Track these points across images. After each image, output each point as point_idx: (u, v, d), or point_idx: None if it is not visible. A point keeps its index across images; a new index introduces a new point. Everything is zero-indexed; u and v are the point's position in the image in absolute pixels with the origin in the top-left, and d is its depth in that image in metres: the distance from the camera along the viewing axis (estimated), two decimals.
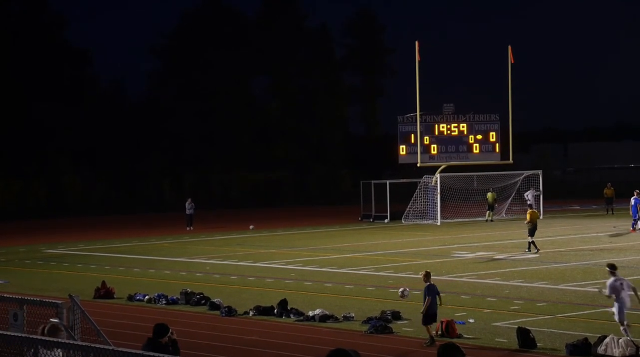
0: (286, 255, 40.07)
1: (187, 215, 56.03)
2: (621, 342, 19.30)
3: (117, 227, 59.49)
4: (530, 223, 38.73)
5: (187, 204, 56.24)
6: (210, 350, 20.94)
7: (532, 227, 38.70)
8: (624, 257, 36.35)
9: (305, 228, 55.89)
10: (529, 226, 38.85)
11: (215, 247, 44.97)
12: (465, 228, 52.83)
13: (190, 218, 55.78)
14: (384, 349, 20.64)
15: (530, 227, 38.76)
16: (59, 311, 14.11)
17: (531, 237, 38.71)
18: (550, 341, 20.75)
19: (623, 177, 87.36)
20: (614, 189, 60.59)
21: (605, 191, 60.70)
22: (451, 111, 58.15)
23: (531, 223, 38.71)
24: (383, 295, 28.07)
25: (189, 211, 55.82)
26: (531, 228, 38.72)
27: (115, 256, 41.63)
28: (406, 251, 40.84)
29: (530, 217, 38.93)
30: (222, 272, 34.76)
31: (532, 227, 38.70)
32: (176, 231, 54.73)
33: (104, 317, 23.19)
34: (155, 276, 33.50)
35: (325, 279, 32.11)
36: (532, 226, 38.69)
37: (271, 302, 25.62)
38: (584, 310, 24.79)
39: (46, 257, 41.93)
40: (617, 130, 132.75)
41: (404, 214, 58.08)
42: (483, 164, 58.65)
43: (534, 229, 38.71)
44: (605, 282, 20.81)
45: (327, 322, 23.70)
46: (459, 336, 21.40)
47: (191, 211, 55.85)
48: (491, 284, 29.62)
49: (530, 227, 38.76)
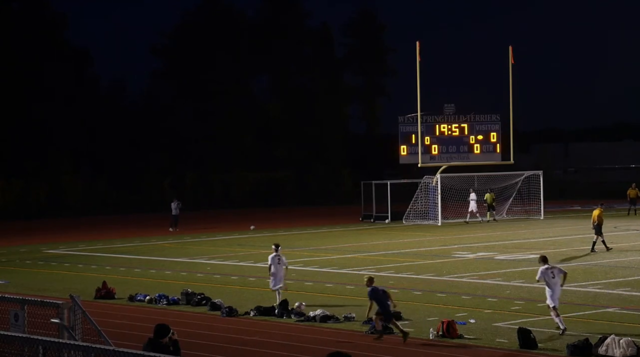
0: (287, 255, 39.91)
1: (172, 216, 55.74)
2: (622, 342, 19.30)
3: (118, 227, 59.50)
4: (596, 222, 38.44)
5: (172, 205, 55.88)
6: (211, 350, 20.94)
7: (596, 225, 38.41)
8: (624, 257, 36.35)
9: (306, 228, 55.89)
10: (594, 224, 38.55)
11: (216, 247, 44.98)
12: (466, 228, 52.82)
13: (175, 219, 55.46)
14: (385, 350, 20.63)
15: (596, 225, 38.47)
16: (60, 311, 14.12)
17: (598, 235, 38.45)
18: (551, 342, 20.75)
19: (624, 177, 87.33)
20: (638, 190, 59.48)
21: (629, 191, 59.29)
22: (452, 111, 58.14)
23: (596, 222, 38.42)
24: None
25: (175, 212, 55.54)
26: (596, 226, 38.42)
27: (116, 256, 41.63)
28: (407, 251, 40.84)
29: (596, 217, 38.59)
30: (223, 272, 34.76)
31: (596, 225, 38.41)
32: (178, 231, 54.69)
33: (105, 318, 23.18)
34: (156, 277, 33.50)
35: (326, 279, 32.11)
36: (596, 224, 38.41)
37: (272, 303, 25.62)
38: (585, 310, 24.79)
39: (47, 258, 41.93)
40: (618, 130, 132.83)
41: (405, 214, 58.07)
42: (484, 164, 58.64)
43: (598, 227, 38.41)
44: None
45: (327, 322, 23.70)
46: (460, 337, 21.40)
47: (177, 212, 55.55)
48: (492, 285, 29.62)
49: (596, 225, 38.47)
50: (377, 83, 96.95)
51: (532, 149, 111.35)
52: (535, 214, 59.18)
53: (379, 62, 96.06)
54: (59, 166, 79.05)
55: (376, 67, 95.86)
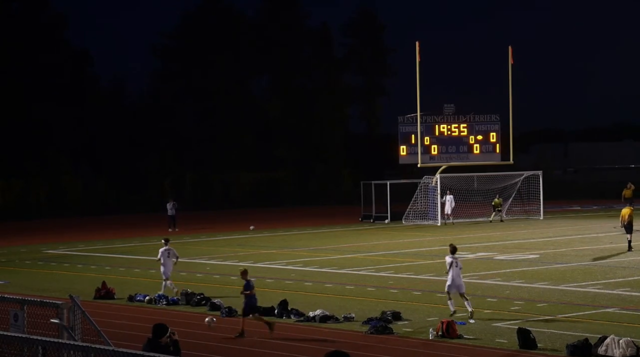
0: (287, 255, 40.08)
1: (169, 216, 55.76)
2: (622, 342, 19.31)
3: (118, 227, 59.52)
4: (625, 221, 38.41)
5: (168, 205, 55.88)
6: (210, 350, 20.95)
7: (626, 224, 38.37)
8: (624, 257, 36.36)
9: (305, 228, 55.90)
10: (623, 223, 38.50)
11: (215, 247, 44.98)
12: (466, 228, 52.84)
13: (172, 219, 55.46)
14: (385, 350, 20.64)
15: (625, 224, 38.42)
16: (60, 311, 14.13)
17: (629, 234, 38.37)
18: (550, 342, 20.75)
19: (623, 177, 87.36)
20: (633, 188, 58.11)
21: (625, 191, 55.84)
22: (452, 112, 58.16)
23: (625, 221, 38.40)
24: (383, 295, 28.08)
25: (171, 212, 55.56)
26: (626, 225, 38.39)
27: (115, 257, 41.64)
28: (407, 251, 40.85)
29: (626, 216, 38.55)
30: (222, 272, 34.77)
31: (626, 224, 38.37)
32: (177, 231, 54.68)
33: (105, 318, 23.20)
34: (155, 277, 33.46)
35: (325, 279, 32.12)
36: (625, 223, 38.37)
37: (272, 303, 25.63)
38: (584, 311, 24.80)
39: (47, 258, 41.94)
40: (617, 130, 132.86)
41: (405, 214, 58.07)
42: (483, 164, 58.65)
43: (629, 226, 38.37)
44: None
45: (327, 322, 23.71)
46: (460, 337, 21.41)
47: (173, 212, 55.55)
48: (492, 285, 29.63)
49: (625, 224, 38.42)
50: (377, 83, 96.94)
51: (532, 149, 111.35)
52: (535, 214, 59.19)
53: (379, 62, 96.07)
54: (58, 166, 79.05)
55: (376, 67, 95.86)
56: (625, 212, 38.88)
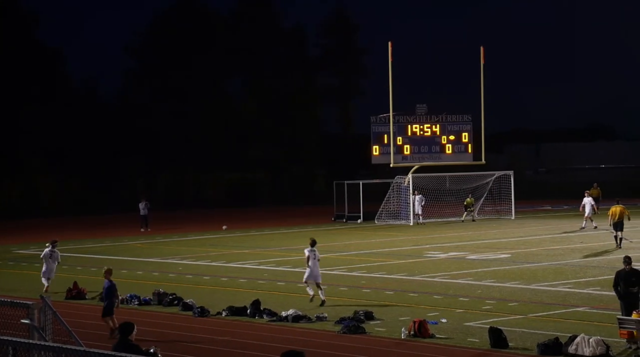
0: (259, 255, 40.07)
1: (141, 216, 55.60)
2: (592, 341, 19.47)
3: (90, 228, 59.23)
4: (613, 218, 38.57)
5: (140, 205, 55.69)
6: (183, 350, 20.92)
7: (616, 221, 38.51)
8: (594, 257, 36.63)
9: (278, 228, 55.89)
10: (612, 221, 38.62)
11: (188, 247, 44.88)
12: (437, 228, 53.03)
13: (145, 219, 55.29)
14: (357, 350, 20.69)
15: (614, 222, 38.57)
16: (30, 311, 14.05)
17: (618, 231, 38.54)
18: (521, 341, 20.89)
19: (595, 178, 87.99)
20: (600, 190, 58.48)
21: (591, 191, 54.30)
22: (424, 112, 58.36)
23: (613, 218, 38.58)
24: (356, 295, 28.15)
25: (143, 212, 55.39)
26: (616, 223, 38.52)
27: (87, 257, 41.46)
28: (379, 251, 40.93)
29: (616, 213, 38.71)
30: (195, 272, 34.71)
31: (616, 221, 38.51)
32: (149, 231, 54.51)
33: (76, 318, 23.09)
34: (127, 277, 33.38)
35: (298, 279, 32.08)
36: (615, 220, 38.51)
37: (244, 303, 25.63)
38: (555, 310, 24.97)
39: (17, 258, 41.70)
40: (590, 131, 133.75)
41: (377, 214, 58.19)
42: (456, 164, 58.89)
43: (619, 223, 38.52)
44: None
45: (300, 322, 23.74)
46: (432, 336, 21.49)
47: (145, 212, 55.37)
48: (463, 284, 29.76)
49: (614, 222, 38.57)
50: (352, 83, 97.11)
51: (505, 150, 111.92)
52: (507, 214, 59.50)
53: (353, 62, 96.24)
54: (31, 166, 78.55)
55: (350, 67, 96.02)
56: (616, 210, 38.99)
